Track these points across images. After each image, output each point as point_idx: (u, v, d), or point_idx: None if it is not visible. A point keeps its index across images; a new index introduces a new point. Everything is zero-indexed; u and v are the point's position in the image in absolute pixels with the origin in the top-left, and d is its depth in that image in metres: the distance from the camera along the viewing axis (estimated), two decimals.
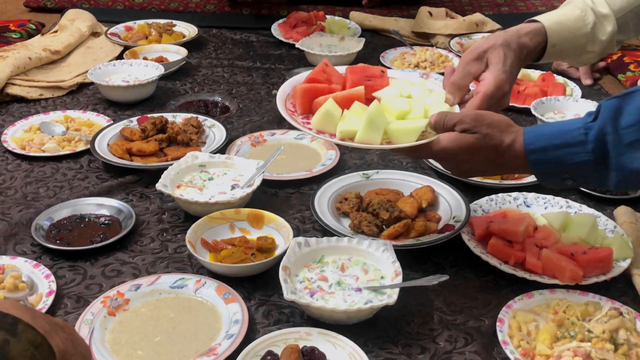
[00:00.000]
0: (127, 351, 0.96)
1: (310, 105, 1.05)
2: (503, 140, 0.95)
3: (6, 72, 1.74)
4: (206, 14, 2.41)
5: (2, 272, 1.09)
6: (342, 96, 1.03)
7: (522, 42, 1.12)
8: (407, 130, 0.98)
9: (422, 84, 1.09)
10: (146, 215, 1.28)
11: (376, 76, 1.08)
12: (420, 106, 1.03)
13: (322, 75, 1.07)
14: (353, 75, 1.07)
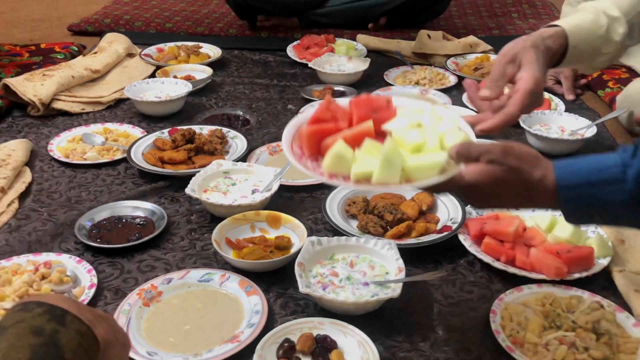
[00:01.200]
0: (160, 338, 0.96)
1: (318, 147, 0.86)
2: (533, 174, 0.80)
3: (52, 89, 1.75)
4: (229, 37, 2.41)
5: (49, 267, 1.10)
6: (351, 134, 0.85)
7: (547, 44, 1.05)
8: (426, 166, 0.81)
9: (432, 111, 0.91)
10: (176, 216, 1.28)
11: (382, 108, 0.91)
12: (434, 136, 0.85)
13: (326, 114, 0.88)
14: (359, 110, 0.88)
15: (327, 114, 0.88)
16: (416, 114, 0.89)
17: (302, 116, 0.92)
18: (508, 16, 2.70)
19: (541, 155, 0.84)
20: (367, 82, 1.95)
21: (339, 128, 0.87)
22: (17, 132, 1.64)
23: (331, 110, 0.89)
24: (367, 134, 0.85)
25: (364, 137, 0.84)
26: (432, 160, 0.81)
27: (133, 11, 2.66)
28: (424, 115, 0.89)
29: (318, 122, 0.87)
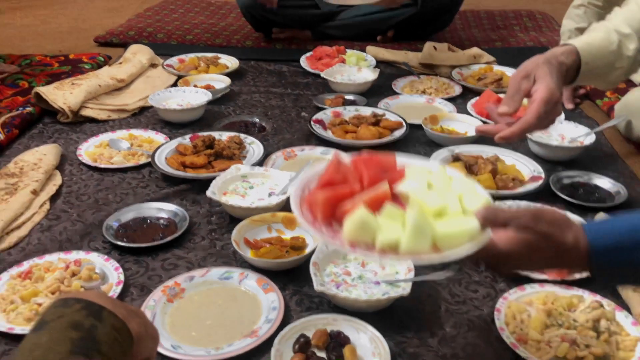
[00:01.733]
0: (183, 332, 0.96)
1: (333, 213, 0.76)
2: (565, 239, 0.74)
3: (80, 97, 1.76)
4: (245, 49, 2.42)
5: (79, 265, 1.11)
6: (369, 199, 0.75)
7: (560, 59, 1.06)
8: (457, 234, 0.71)
9: (441, 171, 0.82)
10: (197, 217, 1.29)
11: (392, 168, 0.82)
12: (454, 199, 0.76)
13: (337, 176, 0.79)
14: (369, 170, 0.79)
15: (338, 175, 0.79)
16: (425, 174, 0.81)
17: (307, 175, 0.82)
18: (510, 29, 2.70)
19: (570, 218, 0.78)
20: (376, 91, 1.95)
21: (353, 191, 0.77)
22: (48, 137, 1.66)
23: (341, 170, 0.80)
24: (384, 197, 0.76)
25: (381, 201, 0.75)
26: (462, 227, 0.71)
27: (155, 24, 2.68)
28: (433, 175, 0.80)
29: (330, 185, 0.78)
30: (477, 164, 1.42)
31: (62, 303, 0.57)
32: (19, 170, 1.42)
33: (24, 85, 1.98)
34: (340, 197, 0.76)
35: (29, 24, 2.84)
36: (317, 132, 1.61)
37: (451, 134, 1.64)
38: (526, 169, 1.44)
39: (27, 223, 1.27)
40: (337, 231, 0.73)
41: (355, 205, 0.73)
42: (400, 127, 1.64)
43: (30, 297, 1.03)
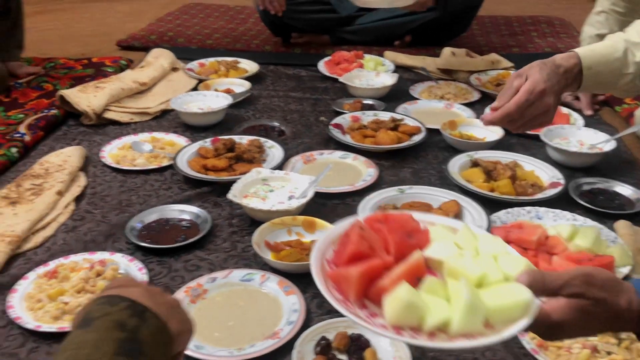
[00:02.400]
0: (206, 333, 0.97)
1: (366, 290, 0.67)
2: (619, 302, 0.70)
3: (104, 100, 1.78)
4: (265, 53, 2.43)
5: (104, 265, 1.12)
6: (405, 272, 0.67)
7: (557, 62, 1.11)
8: (510, 306, 0.64)
9: (466, 229, 0.76)
10: (219, 220, 1.30)
11: (416, 230, 0.74)
12: (492, 264, 0.69)
13: (363, 246, 0.69)
14: (394, 235, 0.71)
15: (364, 245, 0.69)
16: (449, 233, 0.74)
17: (321, 245, 0.73)
18: (527, 35, 2.69)
19: (620, 279, 0.74)
20: (394, 96, 1.95)
21: (386, 264, 0.68)
22: (72, 139, 1.68)
23: (366, 238, 0.70)
24: (420, 268, 0.68)
25: (417, 272, 0.67)
26: (514, 298, 0.64)
27: (176, 28, 2.71)
28: (458, 235, 0.74)
29: (358, 257, 0.68)
30: (495, 170, 1.42)
31: (107, 300, 0.57)
32: (44, 172, 1.45)
33: (48, 88, 2.02)
34: (373, 272, 0.67)
35: (52, 28, 2.89)
36: (336, 136, 1.62)
37: (470, 139, 1.63)
38: (545, 175, 1.43)
39: (53, 223, 1.29)
40: (374, 312, 0.64)
41: (393, 281, 0.65)
42: (419, 132, 1.64)
43: (57, 296, 1.05)
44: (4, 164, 1.52)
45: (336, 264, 0.70)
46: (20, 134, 1.65)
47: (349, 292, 0.65)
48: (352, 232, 0.71)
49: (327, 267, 0.70)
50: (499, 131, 1.64)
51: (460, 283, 0.64)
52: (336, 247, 0.72)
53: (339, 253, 0.71)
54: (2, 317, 1.02)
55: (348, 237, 0.71)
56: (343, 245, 0.71)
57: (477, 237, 0.74)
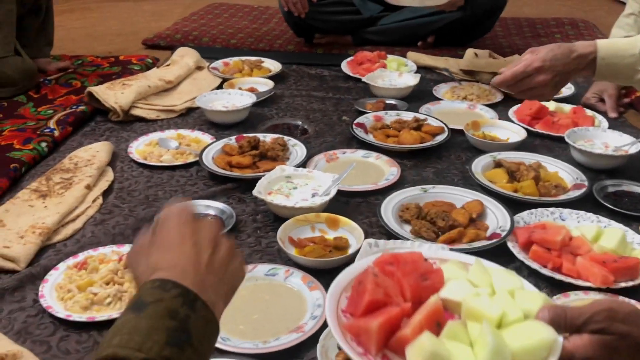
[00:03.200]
0: (230, 326, 0.98)
1: (386, 340, 0.66)
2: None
3: (131, 97, 1.81)
4: (288, 53, 2.45)
5: None
6: (425, 319, 0.65)
7: (574, 47, 1.24)
8: (534, 347, 0.63)
9: (478, 264, 0.76)
10: (243, 215, 1.31)
11: (430, 271, 0.73)
12: (510, 302, 0.68)
13: (379, 293, 0.68)
14: (408, 279, 0.70)
15: (379, 292, 0.68)
16: (462, 271, 0.74)
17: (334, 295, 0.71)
18: (551, 36, 2.67)
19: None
20: (417, 96, 1.95)
21: (404, 311, 0.67)
22: (100, 135, 1.71)
23: (381, 285, 0.69)
24: (438, 313, 0.67)
25: (436, 317, 0.67)
26: (537, 338, 0.63)
27: (201, 28, 2.74)
28: (471, 272, 0.73)
29: (375, 306, 0.68)
30: (519, 171, 1.41)
31: (160, 284, 0.56)
32: (73, 166, 1.48)
33: (76, 85, 2.05)
34: (393, 322, 0.66)
35: (80, 27, 2.94)
36: (358, 135, 1.63)
37: (493, 140, 1.63)
38: (569, 177, 1.43)
39: (82, 216, 1.32)
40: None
41: (414, 330, 0.64)
42: (442, 132, 1.64)
43: (86, 286, 1.07)
44: (34, 158, 1.55)
45: (352, 314, 0.69)
46: (50, 129, 1.68)
47: (369, 345, 0.65)
48: (366, 280, 0.70)
49: (343, 317, 0.69)
50: (522, 132, 1.63)
51: (483, 327, 0.63)
52: (350, 294, 0.71)
53: (354, 302, 0.70)
54: (34, 306, 1.05)
55: (362, 284, 0.70)
56: (358, 294, 0.70)
57: (490, 272, 0.74)
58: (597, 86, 1.87)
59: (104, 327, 1.00)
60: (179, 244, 0.62)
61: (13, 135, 1.66)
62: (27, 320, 1.02)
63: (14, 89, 1.95)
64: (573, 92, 1.97)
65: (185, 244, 0.62)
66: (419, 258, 0.74)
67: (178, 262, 0.60)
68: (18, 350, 0.92)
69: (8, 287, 1.08)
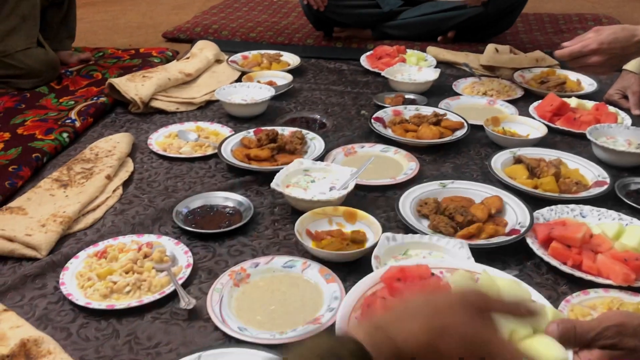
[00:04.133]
0: (248, 316, 0.99)
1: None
2: None
3: (151, 90, 1.83)
4: (306, 47, 2.45)
5: (151, 247, 1.15)
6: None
7: (637, 31, 1.30)
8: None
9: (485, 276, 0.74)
10: (261, 208, 1.32)
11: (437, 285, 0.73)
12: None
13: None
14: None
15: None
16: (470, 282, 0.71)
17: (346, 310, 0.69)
18: (574, 32, 2.63)
19: None
20: (436, 91, 1.94)
21: None
22: (120, 126, 1.73)
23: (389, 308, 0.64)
24: None
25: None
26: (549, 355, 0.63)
27: (220, 21, 2.75)
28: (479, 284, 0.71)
29: None
30: (539, 167, 1.40)
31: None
32: (94, 156, 1.49)
33: (97, 77, 2.08)
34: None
35: (101, 19, 2.97)
36: (377, 129, 1.63)
37: (513, 136, 1.62)
38: (590, 174, 1.41)
39: (102, 206, 1.33)
40: None
41: None
42: (462, 127, 1.63)
43: (106, 275, 1.08)
44: (55, 148, 1.57)
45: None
46: (71, 119, 1.71)
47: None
48: (375, 303, 0.68)
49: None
50: (542, 129, 1.62)
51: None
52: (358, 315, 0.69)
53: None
54: (55, 293, 1.07)
55: (370, 307, 0.68)
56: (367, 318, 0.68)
57: (497, 283, 0.71)
58: (621, 82, 1.84)
59: (123, 315, 1.01)
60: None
61: (35, 125, 1.68)
62: (48, 307, 1.04)
63: (37, 80, 1.98)
64: (596, 89, 1.95)
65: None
66: (426, 273, 0.72)
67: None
68: (39, 336, 0.93)
69: (30, 274, 1.10)
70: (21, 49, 1.94)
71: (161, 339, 0.96)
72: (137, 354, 0.93)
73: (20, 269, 1.13)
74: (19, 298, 1.05)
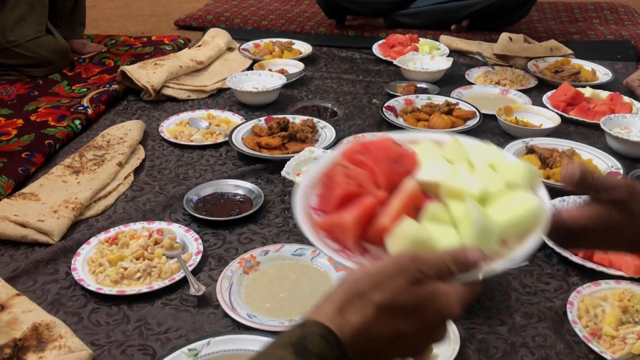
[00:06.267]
0: (258, 303, 1.00)
1: (363, 233, 0.59)
2: None
3: (163, 77, 1.83)
4: (318, 35, 2.44)
5: (161, 234, 1.16)
6: (401, 206, 0.58)
7: None
8: (522, 218, 0.57)
9: (454, 141, 0.67)
10: (271, 196, 1.32)
11: (402, 154, 0.65)
12: (491, 175, 0.61)
13: (351, 185, 0.61)
14: (380, 166, 0.62)
15: (351, 184, 0.61)
16: (437, 150, 0.66)
17: (302, 194, 0.64)
18: (589, 22, 2.59)
19: None
20: (448, 80, 1.93)
21: (379, 200, 0.60)
22: (132, 114, 1.74)
23: (352, 177, 0.62)
24: (416, 197, 0.59)
25: (414, 202, 0.59)
26: (525, 210, 0.57)
27: (232, 9, 2.74)
28: (447, 150, 0.66)
29: (348, 199, 0.61)
30: (552, 157, 1.39)
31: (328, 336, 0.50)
32: (106, 143, 1.50)
33: (110, 64, 2.08)
34: (369, 213, 0.59)
35: (113, 7, 2.97)
36: (388, 118, 1.62)
37: (526, 126, 1.60)
38: (603, 164, 1.39)
39: (113, 193, 1.34)
40: (378, 255, 0.58)
41: (393, 218, 0.57)
42: (474, 116, 1.62)
43: (117, 261, 1.09)
44: (67, 135, 1.58)
45: (324, 210, 0.62)
46: (83, 107, 1.71)
47: (346, 239, 0.59)
48: (335, 173, 0.63)
49: (314, 215, 0.62)
50: (556, 119, 1.60)
51: (466, 204, 0.57)
52: (320, 192, 0.64)
53: (325, 198, 0.63)
54: (67, 278, 1.08)
55: (331, 179, 0.63)
56: (328, 189, 0.63)
57: (467, 147, 0.66)
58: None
59: (133, 300, 1.02)
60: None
61: (48, 112, 1.69)
62: (60, 292, 1.04)
63: (49, 68, 1.99)
64: (610, 78, 1.92)
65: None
66: (389, 143, 0.66)
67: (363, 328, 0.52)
68: (51, 320, 0.94)
69: (42, 260, 1.11)
70: (31, 38, 1.95)
71: (171, 325, 0.96)
72: (147, 339, 0.94)
73: (32, 254, 1.14)
74: (32, 283, 1.07)
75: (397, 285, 0.51)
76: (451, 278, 0.52)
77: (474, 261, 0.53)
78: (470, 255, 0.53)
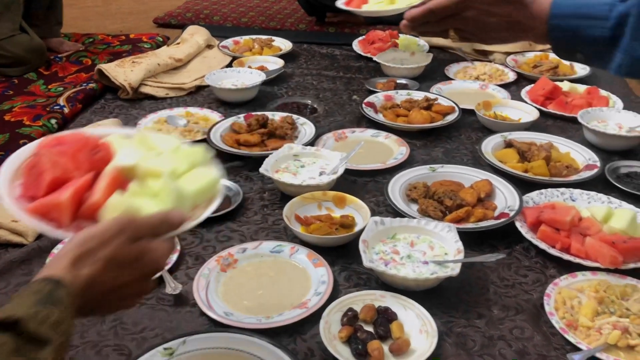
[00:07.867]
0: (235, 300, 0.99)
1: (77, 211, 0.68)
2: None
3: (140, 75, 1.81)
4: (299, 32, 2.43)
5: None
6: (108, 184, 0.69)
7: None
8: (206, 187, 0.75)
9: (140, 134, 0.80)
10: (250, 193, 1.31)
11: (97, 145, 0.75)
12: (174, 158, 0.76)
13: (58, 171, 0.69)
14: (81, 154, 0.72)
15: (59, 170, 0.69)
16: (127, 141, 0.77)
17: (4, 184, 0.69)
18: None
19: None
20: (428, 76, 1.93)
21: (88, 182, 0.69)
22: (109, 112, 1.72)
23: (58, 164, 0.70)
24: (119, 178, 0.70)
25: (118, 184, 0.70)
26: (207, 181, 0.75)
27: (212, 6, 2.72)
28: (136, 140, 0.77)
29: (57, 184, 0.68)
30: (530, 151, 1.39)
31: (49, 298, 0.57)
32: None
33: (87, 63, 2.06)
34: (81, 193, 0.68)
35: (92, 5, 2.94)
36: (368, 114, 1.61)
37: (504, 120, 1.61)
38: (581, 157, 1.41)
39: None
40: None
41: (103, 194, 0.67)
42: (453, 111, 1.62)
43: None
44: (43, 134, 1.56)
45: (33, 196, 0.69)
46: (60, 106, 1.69)
47: (61, 218, 0.67)
48: (38, 162, 0.70)
49: (24, 203, 0.68)
50: (534, 113, 1.61)
51: (162, 180, 0.70)
52: (23, 181, 0.71)
53: (33, 185, 0.70)
54: None
55: (35, 167, 0.71)
56: (35, 177, 0.70)
57: (152, 138, 0.79)
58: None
59: None
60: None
61: (23, 111, 1.67)
62: None
63: (24, 67, 1.96)
64: (588, 73, 1.94)
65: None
66: (82, 137, 0.76)
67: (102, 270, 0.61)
68: None
69: (16, 260, 1.09)
70: (5, 37, 1.92)
71: (147, 324, 0.95)
72: (123, 339, 0.93)
73: (5, 254, 1.12)
74: (4, 284, 1.05)
75: (120, 242, 0.61)
76: (161, 236, 0.65)
77: (178, 221, 0.67)
78: (175, 216, 0.67)
